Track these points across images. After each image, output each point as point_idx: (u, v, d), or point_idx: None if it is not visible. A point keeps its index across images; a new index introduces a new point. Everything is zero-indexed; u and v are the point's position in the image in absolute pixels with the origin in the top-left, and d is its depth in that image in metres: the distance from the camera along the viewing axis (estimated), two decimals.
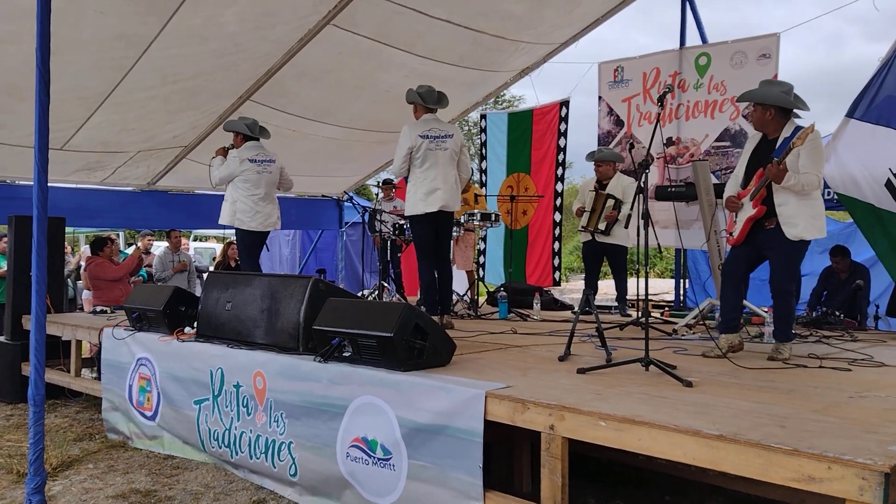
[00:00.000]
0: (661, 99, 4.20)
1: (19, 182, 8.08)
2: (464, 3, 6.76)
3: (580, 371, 3.63)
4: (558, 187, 9.10)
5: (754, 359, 4.20)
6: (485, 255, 9.89)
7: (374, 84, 7.90)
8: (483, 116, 10.07)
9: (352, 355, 3.72)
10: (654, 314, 7.18)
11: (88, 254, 8.30)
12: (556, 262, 9.24)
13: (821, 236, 4.20)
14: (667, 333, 5.43)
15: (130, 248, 11.27)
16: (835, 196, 6.33)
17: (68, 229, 7.52)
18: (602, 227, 6.70)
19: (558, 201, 9.12)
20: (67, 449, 4.85)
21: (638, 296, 6.10)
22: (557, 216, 9.16)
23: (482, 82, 8.63)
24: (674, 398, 3.02)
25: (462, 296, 7.60)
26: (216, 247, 16.86)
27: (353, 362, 3.69)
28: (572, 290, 13.27)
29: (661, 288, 12.61)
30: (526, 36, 7.64)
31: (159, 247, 10.60)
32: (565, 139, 9.00)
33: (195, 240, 18.44)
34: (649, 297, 3.89)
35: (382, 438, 3.39)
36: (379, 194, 9.34)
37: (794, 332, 4.44)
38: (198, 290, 8.65)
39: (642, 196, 3.92)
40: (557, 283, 9.47)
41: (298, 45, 6.82)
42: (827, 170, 5.84)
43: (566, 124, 8.97)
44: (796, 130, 4.17)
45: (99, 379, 5.63)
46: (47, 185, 3.69)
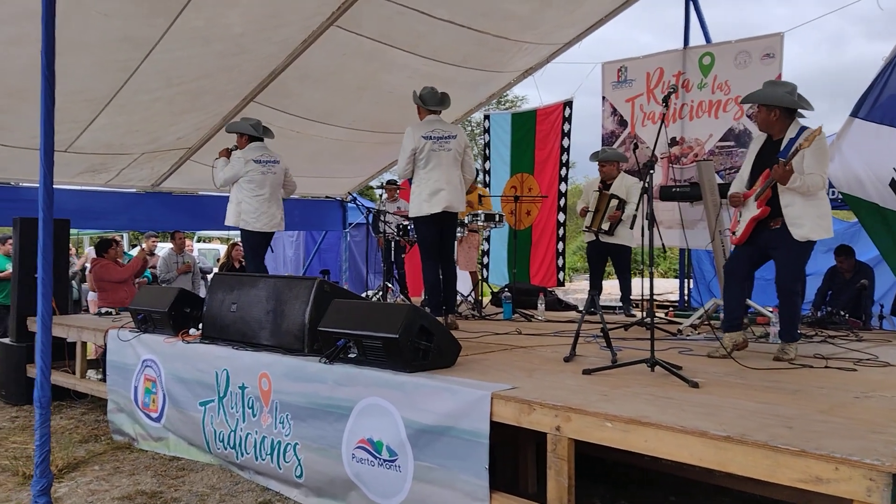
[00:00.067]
0: (666, 99, 4.20)
1: (23, 184, 8.10)
2: (467, 3, 6.76)
3: (586, 372, 3.63)
4: (562, 187, 9.09)
5: (760, 359, 4.19)
6: (488, 256, 9.89)
7: (378, 85, 7.90)
8: (486, 117, 10.07)
9: (357, 357, 3.72)
10: (658, 314, 7.17)
11: (93, 255, 8.32)
12: (560, 262, 9.24)
13: (828, 236, 4.19)
14: (671, 334, 5.42)
15: (135, 249, 11.29)
16: (839, 195, 6.32)
17: (72, 231, 7.53)
18: (605, 227, 6.70)
19: (562, 201, 9.11)
20: (73, 450, 4.86)
21: (642, 296, 6.10)
22: (561, 216, 9.15)
23: (485, 83, 8.62)
24: (680, 399, 3.01)
25: (466, 296, 7.60)
26: (220, 248, 16.91)
27: (359, 364, 3.69)
28: (576, 290, 13.28)
29: (665, 288, 12.63)
30: (529, 36, 7.64)
31: (163, 248, 10.62)
32: (569, 139, 9.00)
33: (198, 241, 18.44)
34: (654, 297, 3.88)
35: (388, 440, 3.39)
36: (382, 195, 9.35)
37: (799, 332, 4.43)
38: (202, 292, 8.67)
39: (647, 197, 3.92)
40: (561, 284, 9.46)
41: (302, 46, 6.83)
42: (831, 169, 5.82)
43: (570, 124, 8.97)
44: (801, 130, 4.17)
45: (104, 380, 5.64)
46: (53, 187, 3.71)
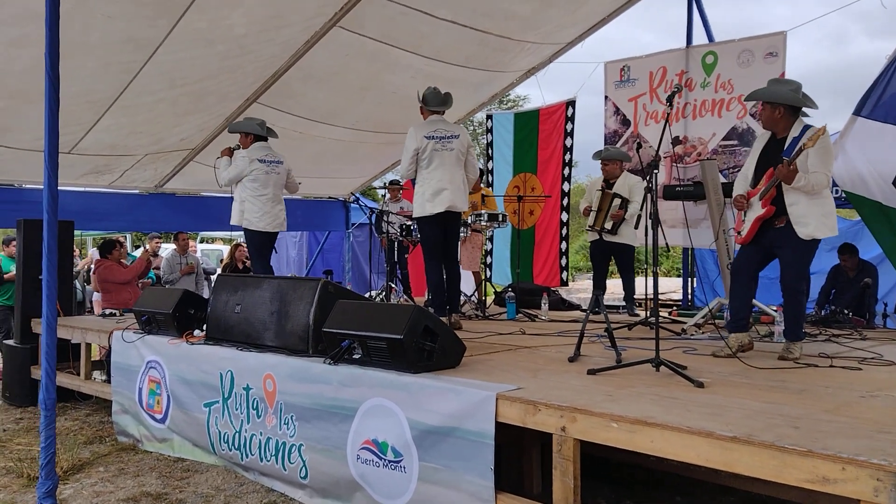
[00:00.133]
0: (671, 98, 4.18)
1: (27, 186, 8.11)
2: (469, 3, 6.76)
3: (590, 372, 3.62)
4: (565, 187, 9.09)
5: (765, 358, 4.18)
6: (491, 256, 9.89)
7: (381, 85, 7.91)
8: (489, 117, 10.07)
9: (362, 357, 3.72)
10: (662, 314, 7.16)
11: (97, 257, 8.33)
12: (564, 261, 9.23)
13: (832, 235, 4.18)
14: (675, 333, 5.42)
15: (138, 250, 11.30)
16: (842, 194, 6.31)
17: (76, 232, 7.56)
18: (608, 226, 6.69)
19: (565, 201, 9.10)
20: (78, 452, 4.86)
21: (646, 295, 6.09)
22: (564, 216, 9.15)
23: (488, 83, 8.62)
24: (685, 399, 3.01)
25: (469, 296, 7.60)
26: (223, 249, 16.91)
27: (363, 364, 3.69)
28: (579, 289, 13.27)
29: (668, 287, 12.61)
30: (531, 36, 7.63)
31: (167, 249, 10.63)
32: (572, 139, 8.99)
33: (202, 242, 18.43)
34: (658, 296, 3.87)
35: (393, 440, 3.39)
36: (385, 195, 9.35)
37: (804, 331, 4.42)
38: (205, 293, 8.68)
39: (651, 197, 3.91)
40: (565, 283, 9.45)
41: (304, 47, 6.83)
42: (834, 167, 5.81)
43: (572, 124, 8.96)
44: (805, 129, 4.16)
45: (109, 382, 5.65)
46: (57, 189, 3.71)
